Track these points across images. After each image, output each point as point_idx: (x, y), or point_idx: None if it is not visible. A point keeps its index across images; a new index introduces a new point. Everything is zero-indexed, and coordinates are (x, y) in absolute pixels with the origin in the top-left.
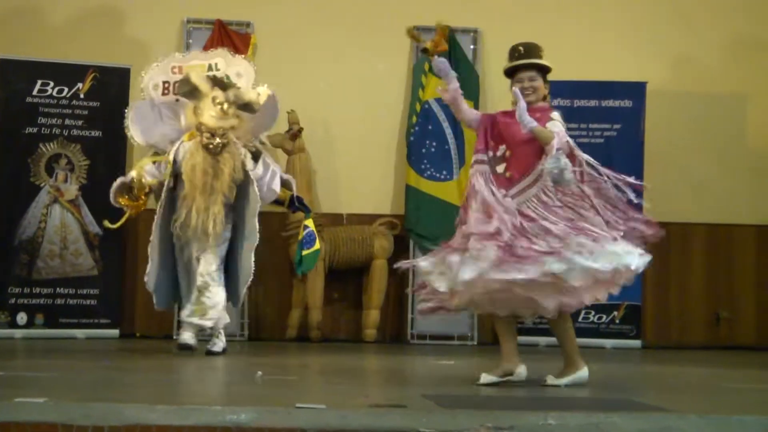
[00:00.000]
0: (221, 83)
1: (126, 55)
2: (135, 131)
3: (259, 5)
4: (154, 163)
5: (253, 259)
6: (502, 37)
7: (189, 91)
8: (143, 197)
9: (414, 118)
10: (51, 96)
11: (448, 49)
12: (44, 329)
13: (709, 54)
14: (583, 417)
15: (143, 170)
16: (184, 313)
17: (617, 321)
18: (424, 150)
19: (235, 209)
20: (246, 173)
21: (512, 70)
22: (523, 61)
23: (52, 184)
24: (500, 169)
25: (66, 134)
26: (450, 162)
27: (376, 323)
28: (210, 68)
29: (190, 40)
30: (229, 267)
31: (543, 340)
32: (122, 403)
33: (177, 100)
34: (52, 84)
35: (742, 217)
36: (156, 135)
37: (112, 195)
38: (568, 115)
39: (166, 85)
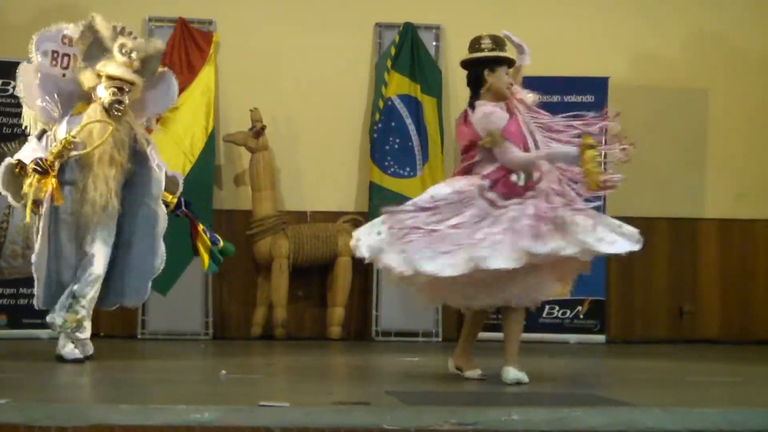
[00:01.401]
0: (124, 31)
1: None
2: (23, 91)
3: (221, 3)
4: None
5: (163, 246)
6: (465, 34)
7: (92, 42)
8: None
9: (377, 115)
10: (11, 95)
11: (411, 46)
12: (7, 330)
13: (670, 49)
14: (547, 412)
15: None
16: (59, 320)
17: (581, 316)
18: (387, 147)
19: (129, 189)
20: (145, 153)
21: (494, 59)
22: (508, 55)
23: None
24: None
25: (28, 134)
26: (413, 159)
27: (341, 320)
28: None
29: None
30: (122, 259)
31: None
32: (86, 404)
33: (63, 75)
34: (12, 83)
35: (704, 211)
36: (37, 103)
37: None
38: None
39: (55, 55)
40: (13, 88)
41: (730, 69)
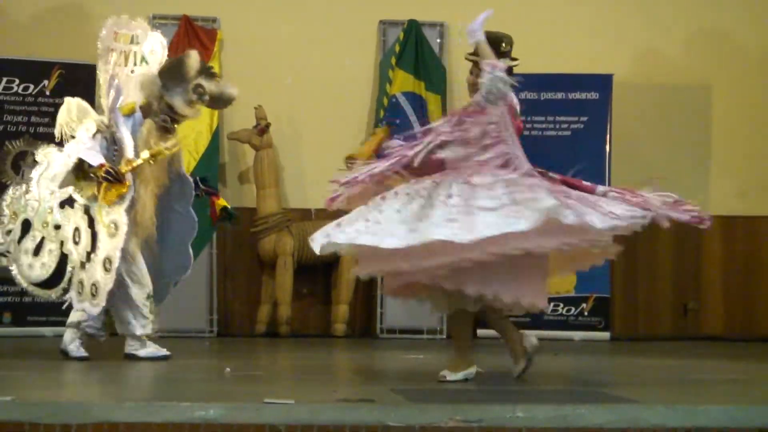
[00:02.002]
0: (211, 73)
1: (92, 52)
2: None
3: (225, 1)
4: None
5: (191, 252)
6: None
7: (176, 70)
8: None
9: (381, 113)
10: (17, 93)
11: (415, 43)
12: (12, 327)
13: (674, 46)
14: (552, 409)
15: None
16: (144, 328)
17: (586, 313)
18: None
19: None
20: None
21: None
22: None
23: (18, 182)
24: None
25: (32, 132)
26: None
27: (345, 318)
28: (132, 40)
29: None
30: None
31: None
32: (90, 401)
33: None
34: (17, 81)
35: (708, 207)
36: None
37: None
38: (535, 108)
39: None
40: (17, 86)
41: (734, 66)
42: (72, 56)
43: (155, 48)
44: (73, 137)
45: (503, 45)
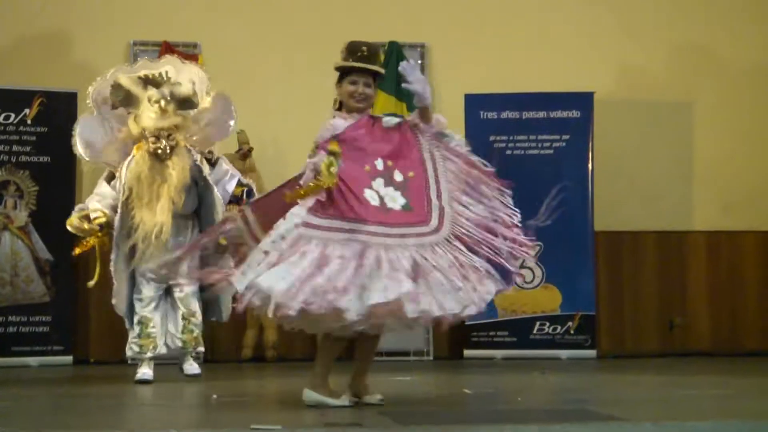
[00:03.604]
0: (153, 81)
1: (73, 80)
2: (83, 148)
3: (205, 26)
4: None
5: None
6: (450, 52)
7: (124, 97)
8: (98, 234)
9: None
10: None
11: (396, 64)
12: None
13: (654, 62)
14: (540, 428)
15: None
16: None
17: (572, 332)
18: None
19: (200, 219)
20: (205, 180)
21: (348, 69)
22: (367, 65)
23: (1, 212)
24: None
25: (14, 160)
26: None
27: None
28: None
29: (137, 62)
30: None
31: (499, 353)
32: (77, 430)
33: (129, 113)
34: (3, 113)
35: (692, 223)
36: (108, 152)
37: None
38: (517, 127)
39: None
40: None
41: (715, 82)
42: (53, 84)
43: (194, 78)
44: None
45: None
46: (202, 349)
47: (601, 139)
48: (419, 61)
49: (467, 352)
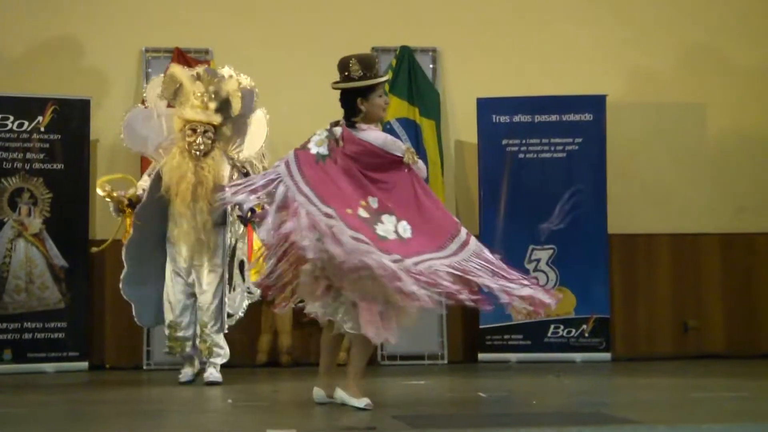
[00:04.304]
0: (204, 78)
1: (85, 87)
2: (126, 134)
3: (217, 32)
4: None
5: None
6: (462, 56)
7: (175, 89)
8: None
9: None
10: (11, 130)
11: (408, 69)
12: (12, 364)
13: (666, 65)
14: None
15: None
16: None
17: (586, 335)
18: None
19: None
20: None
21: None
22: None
23: (15, 219)
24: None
25: (28, 168)
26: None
27: (346, 346)
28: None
29: (149, 69)
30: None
31: (514, 357)
32: None
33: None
34: (12, 118)
35: (705, 225)
36: (149, 144)
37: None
38: (530, 131)
39: None
40: (12, 122)
41: (727, 83)
42: (66, 92)
43: (244, 93)
44: None
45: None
46: (217, 360)
47: (613, 141)
48: (431, 66)
49: (482, 356)
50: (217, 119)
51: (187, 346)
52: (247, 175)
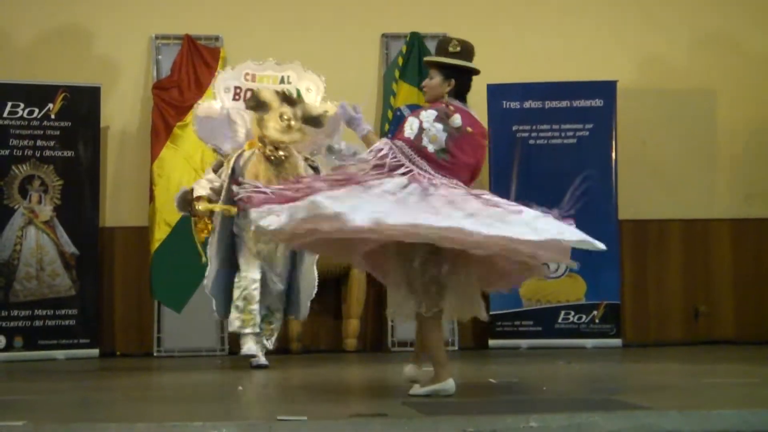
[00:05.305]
0: (290, 99)
1: (95, 74)
2: (199, 129)
3: (227, 19)
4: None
5: (316, 272)
6: (471, 42)
7: (257, 105)
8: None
9: (386, 126)
10: (22, 117)
11: (418, 55)
12: (23, 351)
13: (677, 50)
14: (565, 418)
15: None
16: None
17: (597, 321)
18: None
19: None
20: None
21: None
22: (427, 58)
23: (26, 206)
24: None
25: (38, 155)
26: None
27: (357, 332)
28: (282, 80)
29: (160, 56)
30: (290, 280)
31: (524, 343)
32: (103, 423)
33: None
34: (22, 105)
35: (717, 211)
36: (219, 137)
37: (179, 204)
38: (540, 117)
39: (238, 90)
40: (23, 110)
41: (737, 70)
42: (76, 79)
43: (311, 86)
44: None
45: (451, 46)
46: (270, 344)
47: (624, 127)
48: None
49: (492, 342)
50: (297, 136)
51: (258, 323)
52: (317, 170)
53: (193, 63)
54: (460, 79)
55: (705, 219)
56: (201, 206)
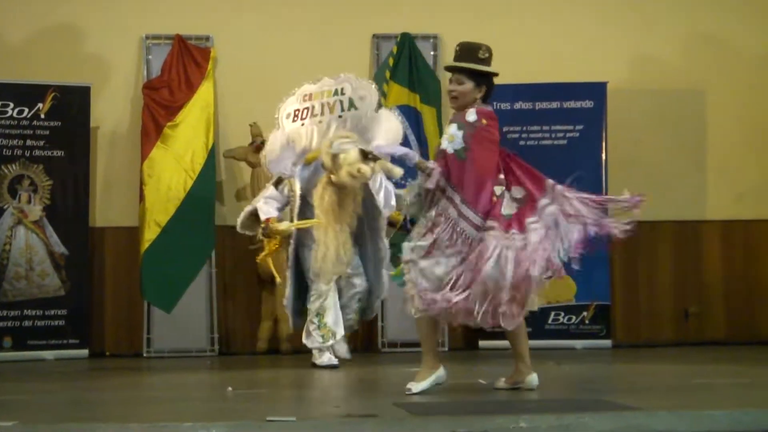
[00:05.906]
0: (374, 159)
1: (86, 74)
2: (272, 168)
3: (217, 18)
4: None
5: (385, 275)
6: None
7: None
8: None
9: None
10: (11, 117)
11: (409, 56)
12: (13, 352)
13: (667, 52)
14: (555, 418)
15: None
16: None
17: (587, 321)
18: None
19: (364, 229)
20: (368, 191)
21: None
22: (452, 64)
23: (15, 206)
24: None
25: (28, 155)
26: (414, 169)
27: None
28: (337, 92)
29: (150, 56)
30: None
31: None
32: (93, 423)
33: (302, 124)
34: (12, 105)
35: (707, 212)
36: (283, 162)
37: (244, 225)
38: (530, 118)
39: (297, 112)
40: (12, 109)
41: (728, 70)
42: (66, 78)
43: (364, 94)
44: None
45: (480, 52)
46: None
47: (614, 128)
48: (432, 53)
49: (482, 343)
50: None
51: (337, 331)
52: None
53: (183, 63)
54: (490, 86)
55: (695, 220)
56: (283, 226)
